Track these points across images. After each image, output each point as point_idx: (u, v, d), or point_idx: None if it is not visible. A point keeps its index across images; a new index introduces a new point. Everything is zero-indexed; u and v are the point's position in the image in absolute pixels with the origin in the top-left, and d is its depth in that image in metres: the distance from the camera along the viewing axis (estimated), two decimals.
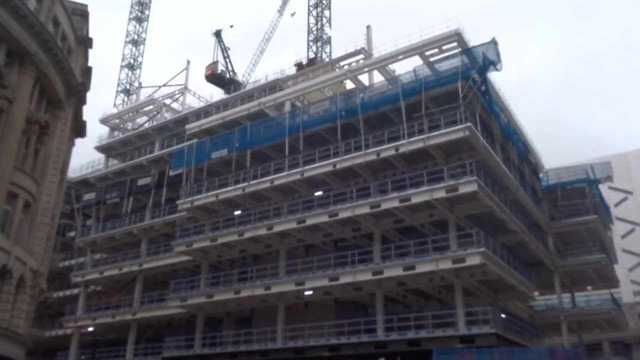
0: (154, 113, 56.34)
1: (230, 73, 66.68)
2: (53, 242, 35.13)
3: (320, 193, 34.19)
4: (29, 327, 30.33)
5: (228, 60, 68.29)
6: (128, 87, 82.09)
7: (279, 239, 35.07)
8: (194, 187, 38.69)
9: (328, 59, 60.66)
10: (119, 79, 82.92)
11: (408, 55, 35.83)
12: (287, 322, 33.66)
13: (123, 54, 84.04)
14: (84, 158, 59.97)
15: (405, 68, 35.66)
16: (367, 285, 31.16)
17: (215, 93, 57.95)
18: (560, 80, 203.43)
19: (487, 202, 28.88)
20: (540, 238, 39.01)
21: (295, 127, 35.15)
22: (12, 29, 26.41)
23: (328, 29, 69.37)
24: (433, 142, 29.69)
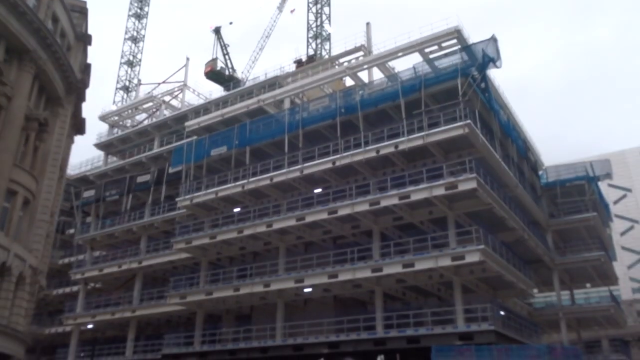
0: (153, 110, 56.28)
1: (230, 70, 66.55)
2: (52, 239, 35.14)
3: (320, 190, 34.18)
4: (29, 324, 30.37)
5: (227, 57, 68.15)
6: (127, 84, 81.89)
7: (278, 236, 35.08)
8: (193, 184, 38.70)
9: (327, 56, 60.53)
10: (118, 76, 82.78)
11: (407, 53, 35.76)
12: (286, 319, 33.68)
13: (122, 51, 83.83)
14: (83, 155, 60.20)
15: (405, 65, 35.55)
16: (366, 283, 31.17)
17: (215, 90, 58.00)
18: (561, 78, 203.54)
19: (486, 199, 28.89)
20: (540, 235, 39.01)
21: (295, 124, 35.12)
22: (11, 26, 26.39)
23: (327, 26, 69.24)
24: (432, 139, 29.68)
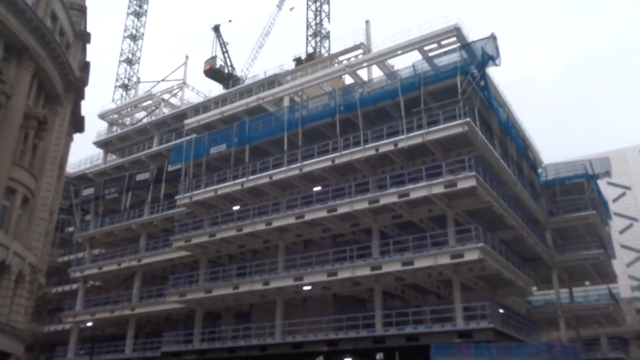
0: (153, 108, 56.28)
1: (229, 68, 66.35)
2: (52, 237, 35.11)
3: (319, 188, 34.17)
4: (28, 322, 30.36)
5: (227, 55, 67.94)
6: (126, 82, 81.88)
7: (278, 234, 35.10)
8: (193, 182, 38.68)
9: (327, 54, 60.41)
10: (118, 74, 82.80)
11: (407, 50, 35.80)
12: (285, 317, 33.74)
13: (121, 49, 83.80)
14: (83, 153, 60.21)
15: (404, 63, 35.70)
16: (365, 281, 31.22)
17: (214, 88, 58.02)
18: (561, 77, 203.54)
19: (485, 197, 28.91)
20: (539, 233, 39.05)
21: (294, 122, 35.11)
22: (9, 24, 26.32)
23: (327, 24, 69.00)
24: (432, 137, 29.69)
